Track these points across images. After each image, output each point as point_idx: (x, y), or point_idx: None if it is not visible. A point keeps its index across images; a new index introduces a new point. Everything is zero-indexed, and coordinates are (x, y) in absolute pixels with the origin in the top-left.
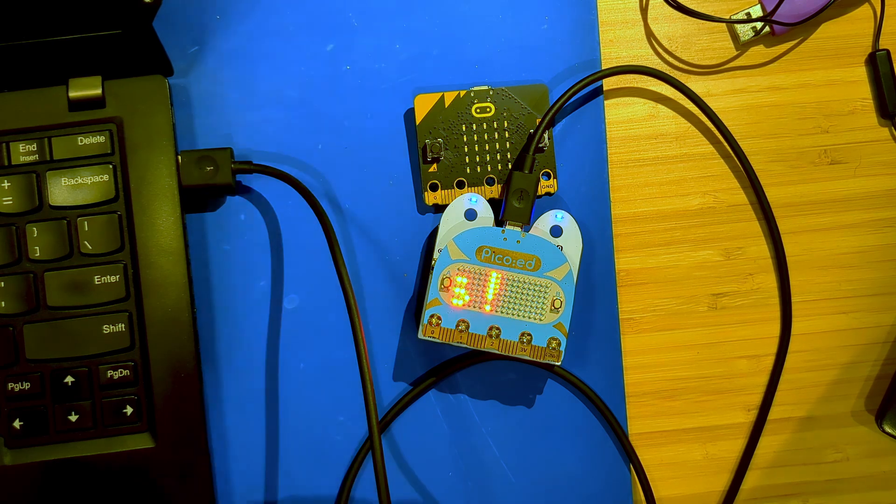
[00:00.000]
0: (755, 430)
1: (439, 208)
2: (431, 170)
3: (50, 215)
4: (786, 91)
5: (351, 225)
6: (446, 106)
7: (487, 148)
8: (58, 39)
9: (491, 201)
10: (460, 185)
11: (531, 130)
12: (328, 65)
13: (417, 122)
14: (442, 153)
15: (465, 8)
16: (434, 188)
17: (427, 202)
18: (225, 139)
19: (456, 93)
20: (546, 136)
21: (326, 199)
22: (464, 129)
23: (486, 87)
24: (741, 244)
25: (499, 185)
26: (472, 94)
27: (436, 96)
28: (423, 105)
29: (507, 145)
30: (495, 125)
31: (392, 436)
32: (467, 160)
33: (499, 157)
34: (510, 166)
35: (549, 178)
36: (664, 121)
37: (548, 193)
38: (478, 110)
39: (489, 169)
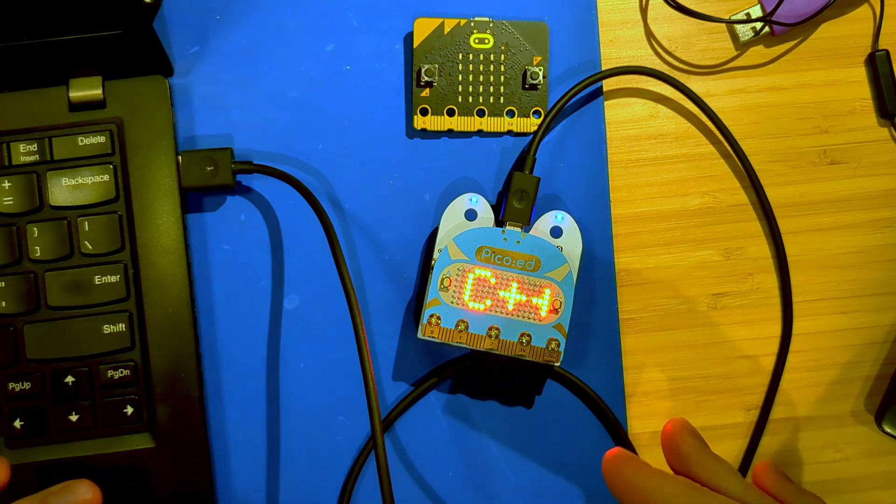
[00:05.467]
0: (755, 430)
1: (427, 134)
2: (423, 94)
3: (50, 215)
4: (785, 91)
5: (351, 225)
6: (445, 33)
7: (482, 80)
8: (58, 40)
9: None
10: (450, 113)
11: (528, 70)
12: (328, 65)
13: (415, 46)
14: (436, 79)
15: (466, 9)
16: (424, 113)
17: (416, 126)
18: (225, 139)
19: (456, 21)
20: (540, 72)
21: (327, 199)
22: (460, 57)
23: (486, 19)
24: (741, 244)
25: (488, 118)
26: (472, 24)
27: (436, 21)
28: (423, 29)
29: (502, 79)
30: (492, 58)
31: (392, 436)
32: (460, 89)
33: (492, 90)
34: (502, 100)
35: (540, 116)
36: (664, 121)
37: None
38: (476, 41)
39: (480, 101)
